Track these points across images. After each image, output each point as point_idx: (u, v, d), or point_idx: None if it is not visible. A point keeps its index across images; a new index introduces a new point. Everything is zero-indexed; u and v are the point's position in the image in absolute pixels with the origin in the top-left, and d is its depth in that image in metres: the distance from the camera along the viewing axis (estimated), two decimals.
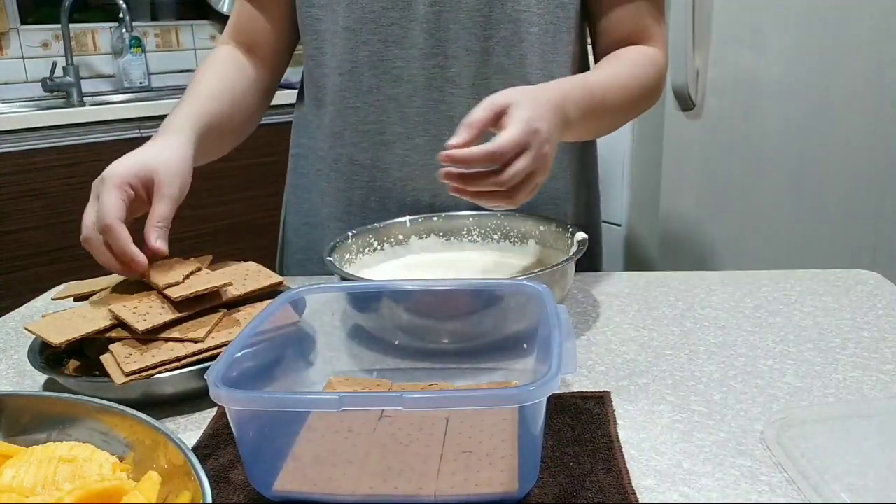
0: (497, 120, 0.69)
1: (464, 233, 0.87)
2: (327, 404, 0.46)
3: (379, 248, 0.85)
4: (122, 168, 0.71)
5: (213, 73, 0.91)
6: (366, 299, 0.66)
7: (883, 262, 1.60)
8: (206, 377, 0.47)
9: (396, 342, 0.67)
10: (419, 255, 0.86)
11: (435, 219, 0.87)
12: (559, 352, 0.48)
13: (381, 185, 0.92)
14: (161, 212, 0.71)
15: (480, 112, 0.69)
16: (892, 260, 1.60)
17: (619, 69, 0.86)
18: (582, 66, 0.96)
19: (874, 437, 0.55)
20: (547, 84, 0.77)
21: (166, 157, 0.75)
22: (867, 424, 0.56)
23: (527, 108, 0.69)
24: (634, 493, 0.49)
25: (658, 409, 0.61)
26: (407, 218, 0.87)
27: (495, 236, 0.86)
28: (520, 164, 0.67)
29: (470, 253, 0.86)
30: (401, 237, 0.86)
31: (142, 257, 0.68)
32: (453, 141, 0.67)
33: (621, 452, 0.54)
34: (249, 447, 0.49)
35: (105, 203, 0.68)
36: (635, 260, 1.87)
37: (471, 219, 0.87)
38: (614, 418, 0.59)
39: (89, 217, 0.70)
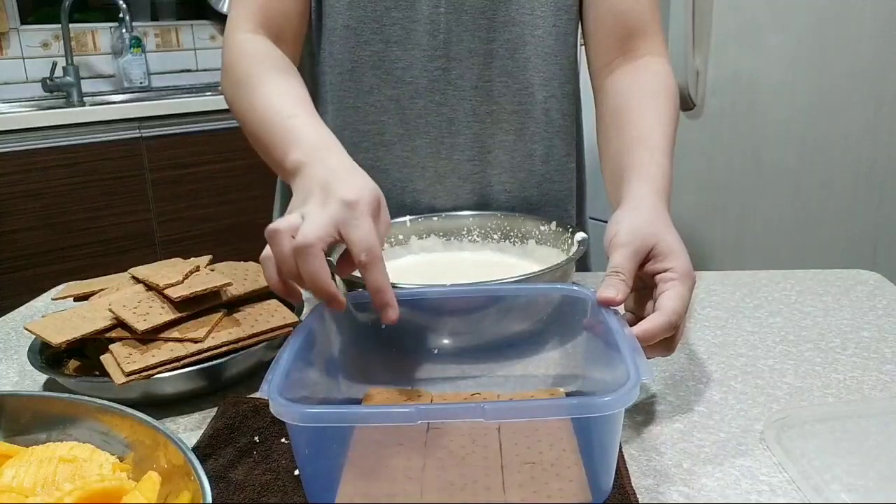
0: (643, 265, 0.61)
1: (464, 233, 0.87)
2: (404, 417, 0.43)
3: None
4: (367, 196, 0.58)
5: (282, 75, 0.77)
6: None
7: (883, 262, 1.60)
8: (261, 394, 0.45)
9: (436, 351, 0.64)
10: (419, 255, 0.86)
11: (435, 219, 0.87)
12: (633, 359, 0.46)
13: (380, 187, 0.91)
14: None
15: (627, 262, 0.60)
16: (892, 260, 1.60)
17: (661, 119, 0.77)
18: (575, 69, 0.96)
19: (874, 437, 0.55)
20: (648, 184, 0.69)
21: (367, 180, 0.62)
22: (867, 424, 0.56)
23: (677, 252, 0.61)
24: (634, 493, 0.49)
25: (658, 409, 0.61)
26: (407, 218, 0.87)
27: (495, 236, 0.86)
28: (686, 323, 0.61)
29: (469, 253, 0.86)
30: (401, 237, 0.86)
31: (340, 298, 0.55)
32: (612, 294, 0.57)
33: (621, 452, 0.54)
34: (308, 464, 0.48)
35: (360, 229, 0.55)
36: None
37: (471, 219, 0.87)
38: None
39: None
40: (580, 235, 0.78)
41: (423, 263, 0.84)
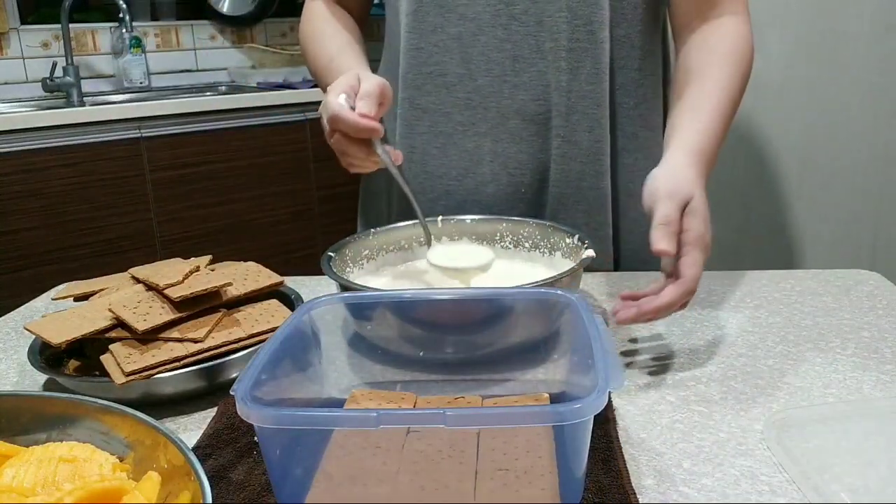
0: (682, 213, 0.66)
1: (496, 238, 0.84)
2: (364, 422, 0.44)
3: (381, 254, 0.84)
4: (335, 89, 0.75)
5: (334, 26, 0.96)
6: (380, 308, 0.64)
7: (883, 262, 1.60)
8: (232, 392, 0.45)
9: (421, 353, 0.65)
10: (419, 261, 0.85)
11: (468, 221, 0.85)
12: (604, 366, 0.46)
13: (442, 131, 0.91)
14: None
15: (675, 212, 0.65)
16: (892, 260, 1.60)
17: (716, 84, 0.83)
18: (657, 19, 0.92)
19: (874, 437, 0.55)
20: (680, 146, 0.74)
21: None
22: (867, 424, 0.56)
23: (700, 211, 0.66)
24: (634, 493, 0.49)
25: (658, 409, 0.61)
26: (407, 223, 0.86)
27: (526, 244, 0.84)
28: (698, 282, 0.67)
29: (497, 260, 0.84)
30: (403, 244, 0.85)
31: (372, 123, 0.72)
32: (667, 247, 0.63)
33: (621, 452, 0.54)
34: (278, 466, 0.47)
35: (329, 104, 0.73)
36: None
37: (504, 224, 0.85)
38: (614, 418, 0.59)
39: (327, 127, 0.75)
40: (589, 252, 0.76)
41: (420, 271, 0.83)
